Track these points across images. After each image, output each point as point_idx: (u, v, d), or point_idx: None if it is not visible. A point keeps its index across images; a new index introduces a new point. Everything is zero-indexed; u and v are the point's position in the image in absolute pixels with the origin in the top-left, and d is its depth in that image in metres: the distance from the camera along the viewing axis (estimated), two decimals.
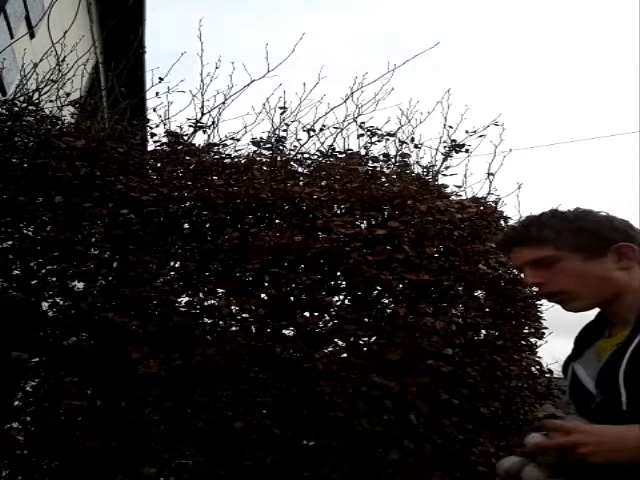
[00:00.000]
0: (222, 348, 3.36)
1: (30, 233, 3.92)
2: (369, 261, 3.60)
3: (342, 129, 5.27)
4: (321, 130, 5.25)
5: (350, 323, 3.53)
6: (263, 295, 3.71)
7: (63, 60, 5.55)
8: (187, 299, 3.73)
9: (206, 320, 3.70)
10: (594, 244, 1.49)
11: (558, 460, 1.40)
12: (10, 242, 3.88)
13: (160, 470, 3.57)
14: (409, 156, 5.13)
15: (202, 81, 5.24)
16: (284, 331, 3.62)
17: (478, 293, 3.95)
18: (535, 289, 1.57)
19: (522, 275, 1.61)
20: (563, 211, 1.57)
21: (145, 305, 3.56)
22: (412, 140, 5.22)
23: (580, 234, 1.50)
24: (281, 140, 5.10)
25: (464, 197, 4.57)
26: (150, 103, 5.94)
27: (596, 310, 1.58)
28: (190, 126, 5.02)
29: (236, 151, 4.87)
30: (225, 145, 4.93)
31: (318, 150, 5.14)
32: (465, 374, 3.51)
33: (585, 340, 1.57)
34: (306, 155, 5.01)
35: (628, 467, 1.28)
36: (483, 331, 3.89)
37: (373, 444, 3.42)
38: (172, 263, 3.93)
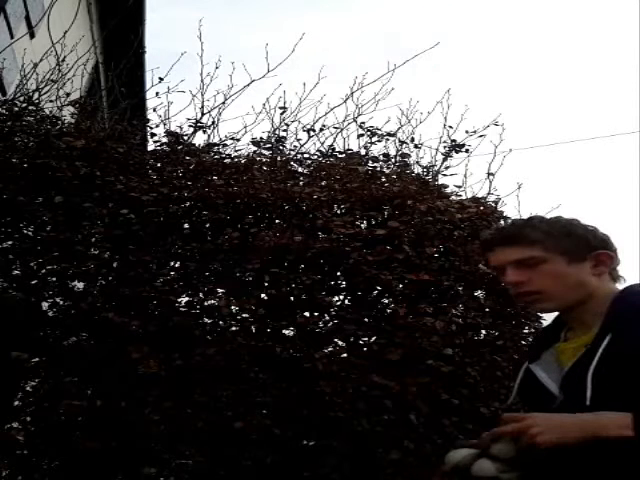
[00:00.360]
0: (222, 348, 3.36)
1: (30, 233, 3.92)
2: (369, 261, 3.60)
3: (342, 129, 5.29)
4: (321, 130, 5.25)
5: (350, 323, 3.53)
6: (263, 295, 3.71)
7: (63, 60, 5.55)
8: (187, 299, 3.73)
9: (206, 320, 3.70)
10: (579, 249, 1.56)
11: (512, 452, 1.40)
12: (10, 242, 3.88)
13: (160, 470, 3.57)
14: (409, 156, 5.13)
15: (202, 81, 5.25)
16: (284, 331, 3.62)
17: (478, 293, 3.95)
18: (511, 288, 1.60)
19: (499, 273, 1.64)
20: (550, 217, 1.64)
21: (145, 305, 3.56)
22: (412, 140, 5.22)
23: (569, 238, 1.57)
24: (281, 140, 5.10)
25: (464, 197, 4.58)
26: (150, 103, 5.96)
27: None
28: (190, 126, 5.03)
29: (236, 151, 4.88)
30: (225, 145, 4.93)
31: (318, 150, 5.14)
32: (465, 374, 3.51)
33: (543, 343, 1.64)
34: (306, 155, 5.02)
35: (577, 459, 1.34)
36: (483, 331, 3.89)
37: (373, 444, 3.42)
38: (172, 263, 3.93)
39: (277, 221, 3.97)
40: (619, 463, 1.34)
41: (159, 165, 4.42)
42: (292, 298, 3.68)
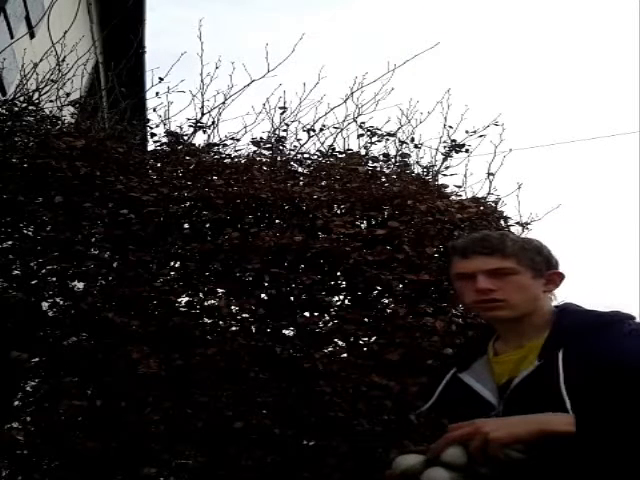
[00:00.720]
0: (222, 348, 3.36)
1: (30, 233, 3.92)
2: (369, 261, 3.60)
3: (342, 129, 5.29)
4: (321, 130, 5.25)
5: (350, 323, 3.53)
6: (263, 295, 3.71)
7: (63, 60, 5.55)
8: (187, 299, 3.73)
9: (206, 320, 3.69)
10: (543, 266, 1.71)
11: (463, 457, 1.43)
12: (10, 242, 3.87)
13: (160, 470, 3.56)
14: (409, 156, 5.13)
15: (202, 81, 5.25)
16: (284, 331, 3.62)
17: None
18: (474, 295, 1.69)
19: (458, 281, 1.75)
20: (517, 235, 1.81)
21: (145, 305, 3.56)
22: (412, 140, 5.22)
23: (538, 255, 1.71)
24: (281, 140, 5.10)
25: (464, 197, 4.57)
26: (150, 103, 5.95)
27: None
28: (190, 126, 5.03)
29: (236, 151, 4.87)
30: (225, 145, 4.93)
31: (318, 150, 5.14)
32: None
33: (471, 354, 1.75)
34: (306, 155, 5.01)
35: (527, 467, 1.43)
36: None
37: (373, 444, 3.42)
38: (172, 263, 3.93)
39: (277, 221, 3.96)
40: (566, 467, 1.45)
41: (159, 165, 4.42)
42: (292, 298, 3.68)
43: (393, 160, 5.06)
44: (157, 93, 5.34)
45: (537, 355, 1.59)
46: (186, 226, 3.96)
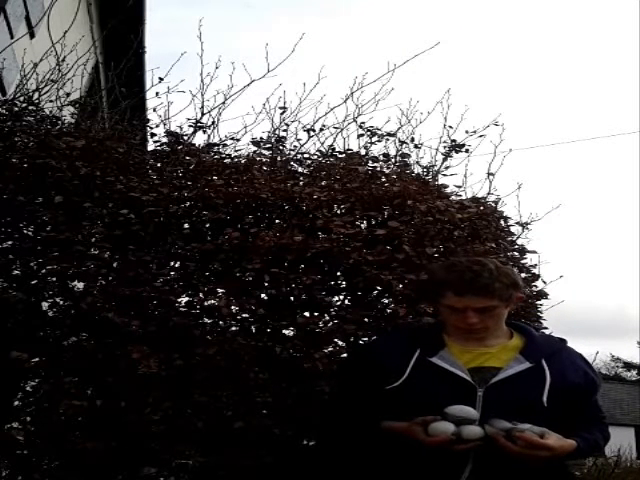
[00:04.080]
0: (222, 348, 3.36)
1: (30, 233, 3.91)
2: (369, 261, 3.59)
3: (342, 129, 5.27)
4: (321, 130, 5.24)
5: (350, 323, 3.53)
6: (263, 295, 3.71)
7: (63, 60, 5.55)
8: (187, 299, 3.73)
9: (206, 320, 3.69)
10: (513, 293, 2.13)
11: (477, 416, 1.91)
12: (10, 242, 3.87)
13: (160, 470, 3.57)
14: (409, 156, 5.12)
15: (202, 81, 5.23)
16: (284, 331, 3.62)
17: None
18: (464, 323, 2.09)
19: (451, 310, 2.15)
20: (499, 264, 2.15)
21: (145, 305, 3.56)
22: (412, 140, 5.21)
23: (512, 288, 2.11)
24: (281, 140, 5.09)
25: (464, 197, 4.57)
26: (150, 103, 5.93)
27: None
28: (190, 126, 5.02)
29: (236, 151, 4.86)
30: (225, 145, 4.92)
31: (318, 150, 5.13)
32: None
33: (434, 344, 2.11)
34: (306, 155, 5.00)
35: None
36: None
37: None
38: (172, 263, 3.93)
39: (277, 221, 3.96)
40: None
41: (159, 165, 4.42)
42: (292, 298, 3.68)
43: (393, 160, 5.05)
44: (157, 93, 5.33)
45: (513, 355, 2.06)
46: (186, 226, 3.95)
